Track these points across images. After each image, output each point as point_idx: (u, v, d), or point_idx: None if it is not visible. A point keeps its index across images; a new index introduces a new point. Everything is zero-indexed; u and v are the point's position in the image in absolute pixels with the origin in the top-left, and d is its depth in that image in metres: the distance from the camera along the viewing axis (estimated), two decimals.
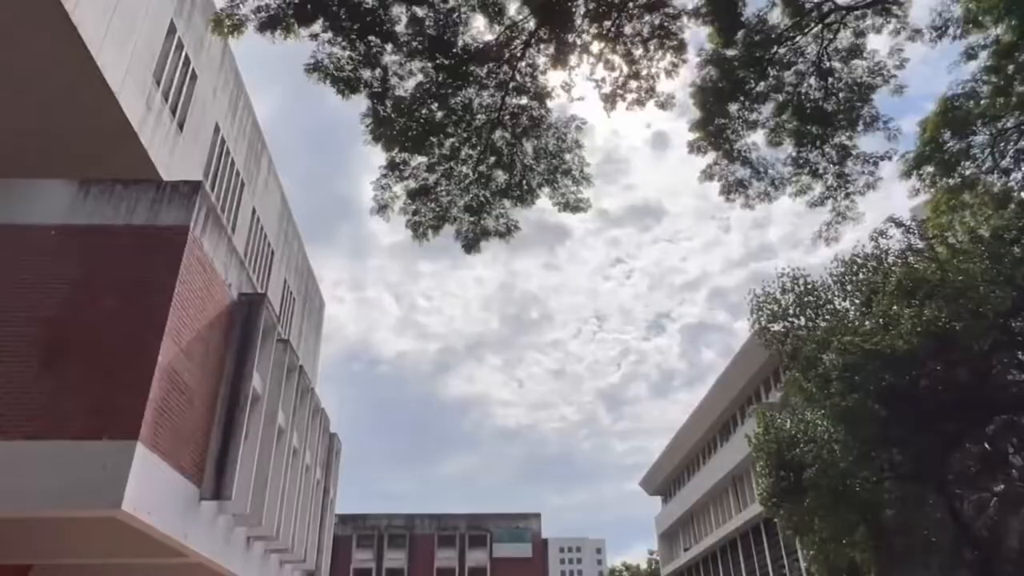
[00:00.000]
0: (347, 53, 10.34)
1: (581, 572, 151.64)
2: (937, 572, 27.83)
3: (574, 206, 12.33)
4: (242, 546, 15.40)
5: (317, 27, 9.97)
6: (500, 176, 12.28)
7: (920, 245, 20.39)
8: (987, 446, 23.51)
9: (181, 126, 16.97)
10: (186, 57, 17.08)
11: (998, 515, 25.46)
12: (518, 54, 11.08)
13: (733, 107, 12.84)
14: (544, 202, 12.27)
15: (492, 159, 12.10)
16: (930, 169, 15.85)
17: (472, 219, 12.34)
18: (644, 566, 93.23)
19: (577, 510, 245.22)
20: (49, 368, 11.04)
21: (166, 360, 11.38)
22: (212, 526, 13.56)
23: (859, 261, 21.93)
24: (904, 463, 20.30)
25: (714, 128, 13.07)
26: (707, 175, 13.82)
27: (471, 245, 12.53)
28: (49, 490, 10.13)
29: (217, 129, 19.10)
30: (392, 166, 11.78)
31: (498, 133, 11.97)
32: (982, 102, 14.97)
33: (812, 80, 12.77)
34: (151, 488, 10.88)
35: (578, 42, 11.01)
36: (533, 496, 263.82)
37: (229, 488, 13.26)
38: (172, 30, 16.28)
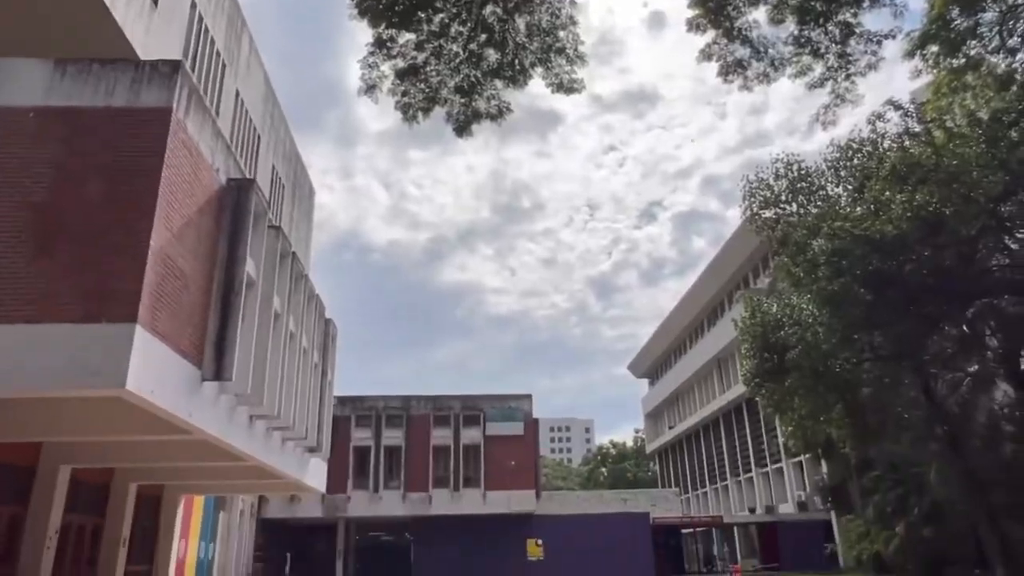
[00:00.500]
0: None
1: (570, 450, 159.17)
2: (908, 446, 29.45)
3: (568, 87, 11.98)
4: (245, 424, 16.00)
5: None
6: (491, 55, 11.84)
7: (917, 129, 20.14)
8: (965, 329, 24.24)
9: (156, 1, 16.14)
10: None
11: (970, 394, 26.63)
12: None
13: None
14: (537, 87, 11.95)
15: (483, 37, 11.63)
16: (935, 48, 15.41)
17: (463, 100, 12.00)
18: (630, 444, 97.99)
19: (567, 393, 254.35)
20: (42, 253, 11.05)
21: (158, 244, 11.38)
22: (215, 405, 14.02)
23: (855, 146, 21.73)
24: (884, 345, 20.98)
25: (714, 4, 12.53)
26: (705, 55, 13.38)
27: (462, 128, 12.27)
28: (53, 371, 10.39)
29: (194, 5, 18.18)
30: (379, 43, 11.33)
31: (489, 8, 11.45)
32: None
33: None
34: (153, 369, 11.17)
35: None
36: (524, 381, 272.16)
37: (229, 369, 13.61)
38: None
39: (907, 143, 20.07)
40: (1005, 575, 23.08)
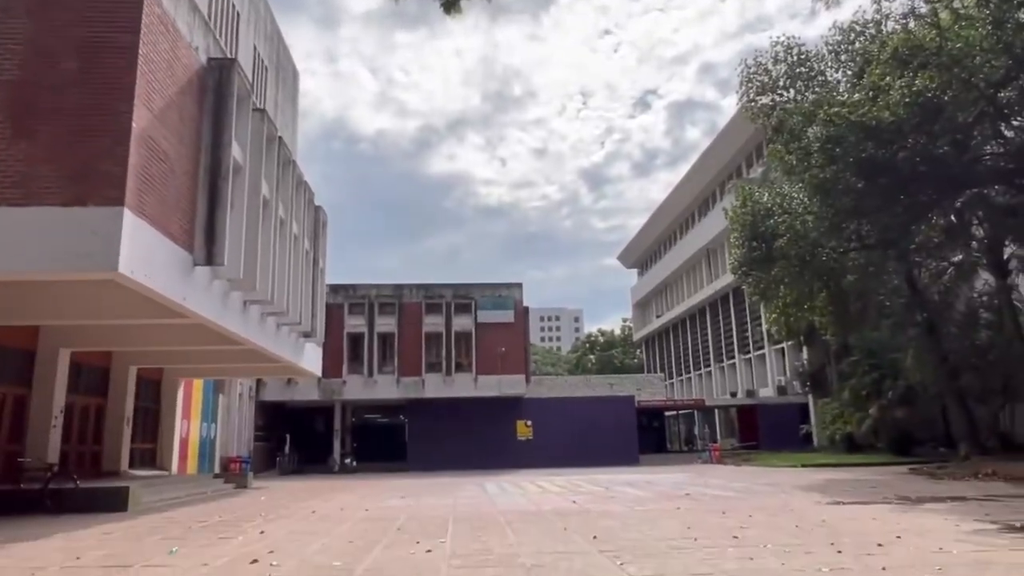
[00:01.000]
0: None
1: (559, 339, 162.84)
2: (887, 333, 30.33)
3: None
4: (239, 309, 16.23)
5: None
6: None
7: (923, 9, 19.41)
8: (953, 219, 24.40)
9: None
10: None
11: (951, 283, 27.18)
12: None
13: None
14: None
15: None
16: None
17: None
18: (618, 332, 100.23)
19: (557, 285, 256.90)
20: (20, 134, 10.81)
21: (140, 126, 11.13)
22: (208, 290, 14.17)
23: (857, 28, 21.02)
24: (871, 234, 21.15)
25: None
26: None
27: (451, 4, 11.72)
28: (45, 254, 10.41)
29: None
30: None
31: None
32: None
33: None
34: (144, 253, 11.20)
35: None
36: (515, 272, 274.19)
37: (220, 254, 13.66)
38: None
39: (911, 24, 19.42)
40: (968, 450, 24.40)
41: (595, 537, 8.82)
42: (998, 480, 17.66)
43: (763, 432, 42.45)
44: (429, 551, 7.92)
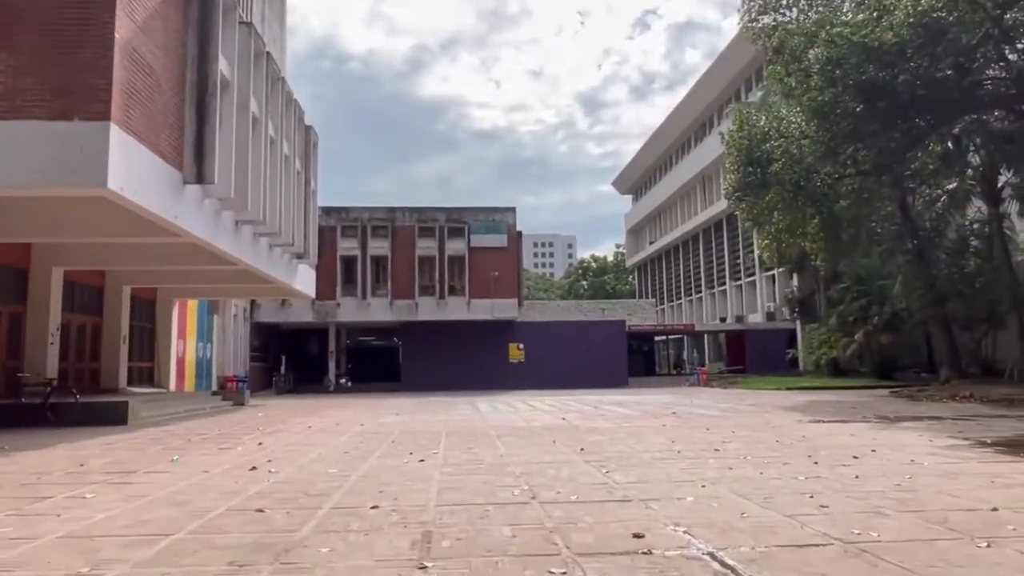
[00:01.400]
0: None
1: (552, 265, 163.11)
2: (878, 259, 30.54)
3: None
4: (231, 229, 16.18)
5: None
6: None
7: None
8: (950, 145, 24.19)
9: None
10: None
11: (944, 210, 27.19)
12: None
13: None
14: None
15: None
16: None
17: None
18: (611, 259, 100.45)
19: (551, 211, 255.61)
20: (2, 45, 10.50)
21: (123, 37, 10.80)
22: (200, 209, 14.09)
23: None
24: (867, 159, 20.98)
25: None
26: None
27: None
28: (33, 169, 10.28)
29: None
30: None
31: None
32: None
33: None
34: (133, 169, 11.08)
35: None
36: (508, 197, 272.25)
37: (211, 173, 13.52)
38: None
39: None
40: (949, 374, 25.00)
41: (582, 449, 9.14)
42: (975, 402, 18.20)
43: (750, 357, 43.26)
44: (422, 460, 8.21)
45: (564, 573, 3.60)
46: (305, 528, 4.71)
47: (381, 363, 40.19)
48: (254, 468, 7.71)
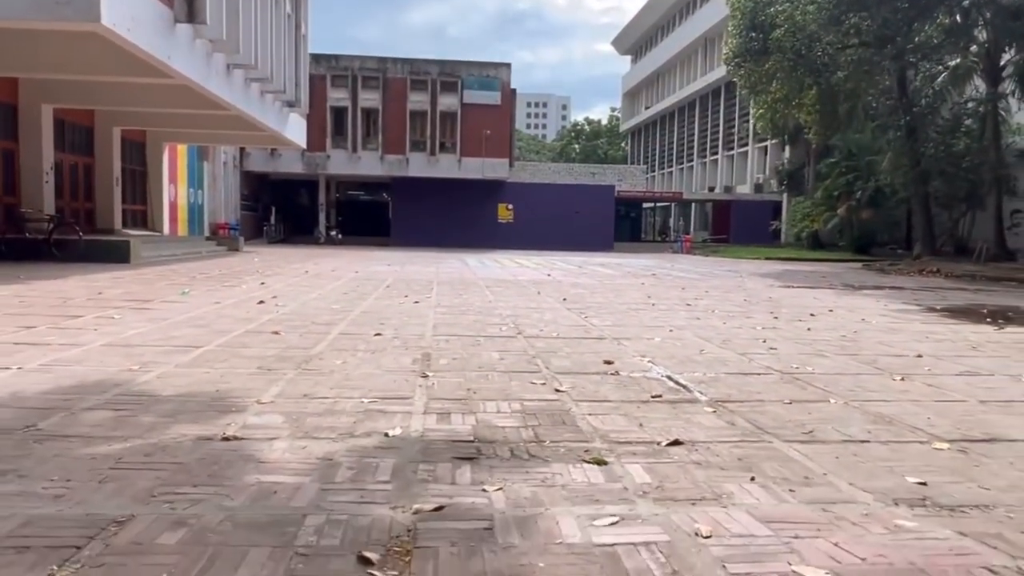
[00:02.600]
0: None
1: (546, 127, 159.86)
2: (871, 135, 30.55)
3: None
4: (223, 72, 15.99)
5: None
6: None
7: None
8: (958, 18, 23.61)
9: None
10: None
11: (943, 87, 26.92)
12: None
13: None
14: None
15: None
16: None
17: None
18: (605, 122, 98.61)
19: (546, 68, 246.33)
20: None
21: None
22: (191, 50, 13.89)
23: None
24: (870, 29, 20.57)
25: None
26: None
27: None
28: (26, 1, 10.15)
29: None
30: None
31: None
32: None
33: None
34: (126, 5, 10.90)
35: None
36: (503, 52, 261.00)
37: (202, 12, 13.26)
38: None
39: None
40: (921, 251, 25.90)
41: (565, 299, 9.86)
42: (940, 277, 19.11)
43: (735, 227, 44.02)
44: (417, 302, 8.89)
45: (544, 383, 4.28)
46: (318, 347, 5.37)
47: (371, 217, 40.57)
48: (262, 302, 8.35)
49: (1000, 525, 2.26)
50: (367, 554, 1.90)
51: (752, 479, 2.63)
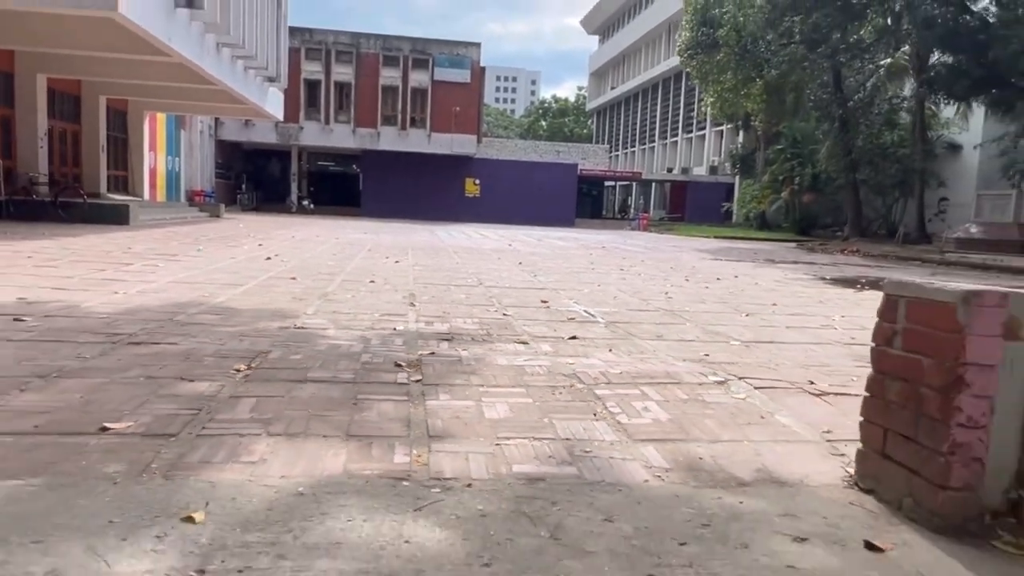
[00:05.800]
0: None
1: (514, 101, 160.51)
2: (814, 124, 32.88)
3: None
4: (213, 51, 17.40)
5: None
6: None
7: None
8: (889, 22, 25.83)
9: None
10: None
11: (878, 84, 29.28)
12: None
13: None
14: None
15: None
16: None
17: None
18: (572, 100, 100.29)
19: (515, 40, 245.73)
20: None
21: None
22: (188, 31, 15.31)
23: None
24: (805, 31, 22.60)
25: None
26: None
27: None
28: None
29: None
30: None
31: None
32: None
33: None
34: None
35: None
36: (473, 23, 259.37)
37: None
38: None
39: None
40: (850, 233, 28.40)
41: (520, 264, 11.76)
42: (858, 256, 21.46)
43: (690, 207, 46.37)
44: (397, 262, 10.70)
45: (496, 310, 6.19)
46: (330, 287, 7.19)
47: (342, 188, 41.85)
48: (268, 258, 10.08)
49: (729, 367, 4.22)
50: (399, 363, 3.79)
51: (610, 350, 4.58)
